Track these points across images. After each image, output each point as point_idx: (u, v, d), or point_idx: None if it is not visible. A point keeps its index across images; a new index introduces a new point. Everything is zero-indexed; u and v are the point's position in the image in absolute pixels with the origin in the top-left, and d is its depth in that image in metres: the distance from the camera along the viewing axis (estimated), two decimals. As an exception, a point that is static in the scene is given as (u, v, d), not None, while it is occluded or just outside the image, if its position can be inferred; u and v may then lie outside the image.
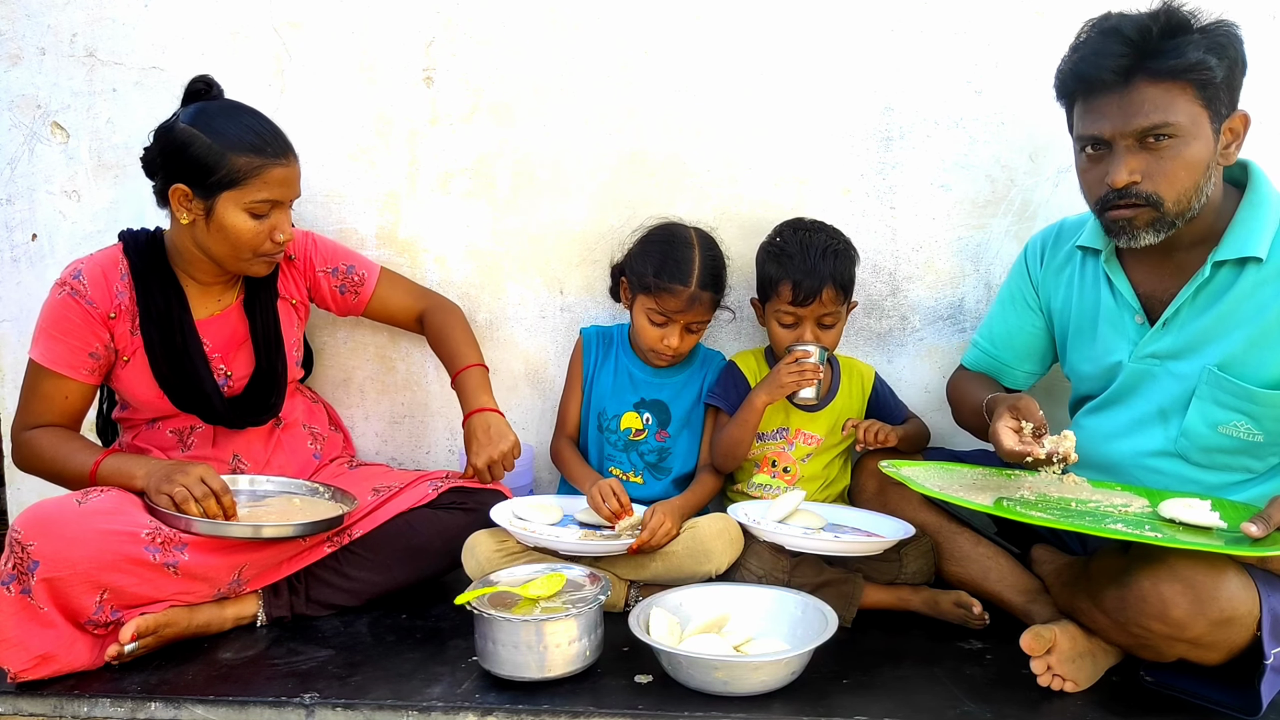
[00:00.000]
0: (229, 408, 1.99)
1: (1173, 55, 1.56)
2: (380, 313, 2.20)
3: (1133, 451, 1.77)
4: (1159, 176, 1.60)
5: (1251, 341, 1.64)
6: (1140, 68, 1.58)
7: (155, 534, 1.74)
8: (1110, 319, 1.80)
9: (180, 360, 1.93)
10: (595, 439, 2.20)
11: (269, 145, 1.84)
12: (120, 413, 2.05)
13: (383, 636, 1.86)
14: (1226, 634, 1.47)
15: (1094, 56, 1.62)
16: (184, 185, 1.83)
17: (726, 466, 2.12)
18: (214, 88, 1.93)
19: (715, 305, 2.10)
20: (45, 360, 1.87)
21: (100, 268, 1.91)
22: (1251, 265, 1.64)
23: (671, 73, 2.26)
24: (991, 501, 1.68)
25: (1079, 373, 1.90)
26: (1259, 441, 1.68)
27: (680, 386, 2.18)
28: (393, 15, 2.29)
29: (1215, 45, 1.57)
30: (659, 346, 2.07)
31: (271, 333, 2.03)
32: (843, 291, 2.04)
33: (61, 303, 1.88)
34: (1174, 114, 1.57)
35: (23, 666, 1.65)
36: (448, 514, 2.02)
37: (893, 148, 2.25)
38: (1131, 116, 1.59)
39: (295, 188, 1.90)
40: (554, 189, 2.32)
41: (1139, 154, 1.60)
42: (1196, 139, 1.59)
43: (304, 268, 2.11)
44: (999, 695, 1.63)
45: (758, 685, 1.59)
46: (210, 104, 1.89)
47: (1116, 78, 1.59)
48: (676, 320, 2.04)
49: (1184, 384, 1.71)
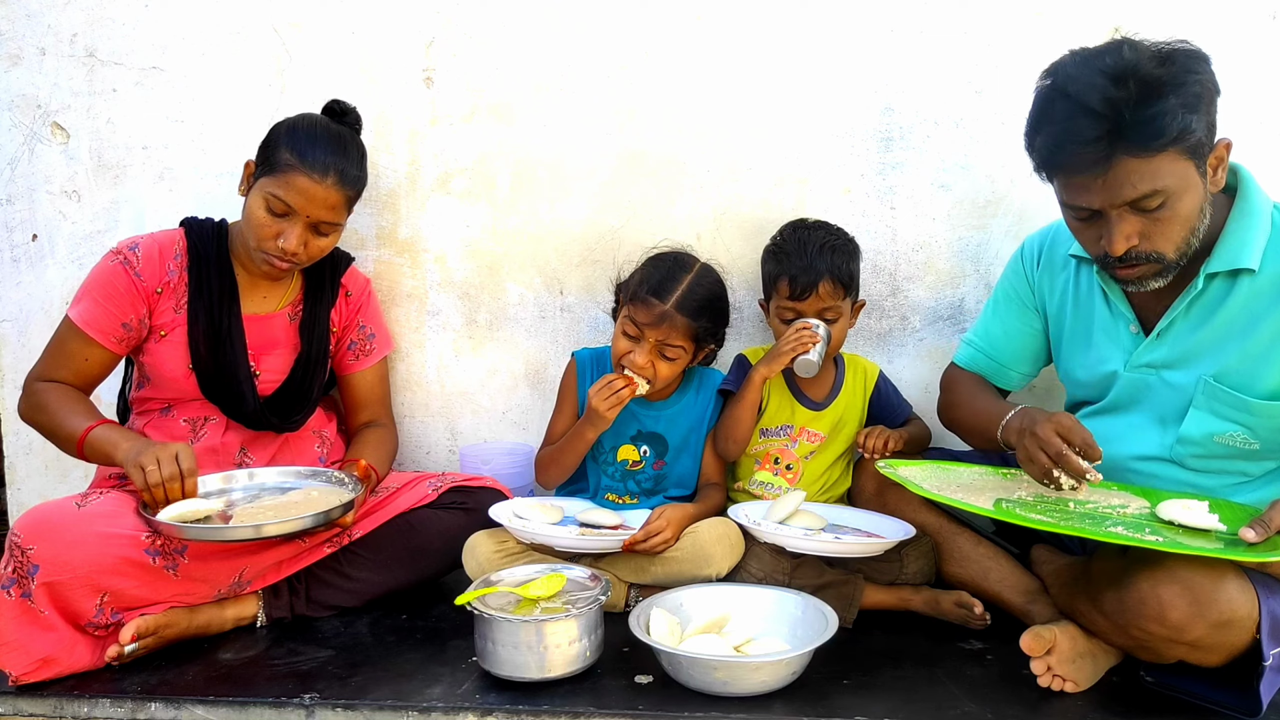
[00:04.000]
0: (259, 404, 2.00)
1: (1152, 132, 1.46)
2: (352, 386, 2.18)
3: (1129, 455, 1.77)
4: (1156, 236, 1.55)
5: (1245, 353, 1.64)
6: (1119, 147, 1.48)
7: (155, 536, 1.74)
8: (1105, 328, 1.80)
9: (221, 345, 1.95)
10: (591, 468, 2.15)
11: (312, 156, 1.88)
12: (138, 393, 2.03)
13: (383, 637, 1.86)
14: (1225, 636, 1.46)
15: (1067, 143, 1.52)
16: (253, 162, 1.95)
17: (727, 450, 2.10)
18: (349, 114, 2.04)
19: (694, 335, 1.99)
20: (79, 320, 1.90)
21: (158, 245, 1.96)
22: (1244, 276, 1.63)
23: (671, 73, 2.26)
24: (990, 503, 1.68)
25: (1074, 379, 1.90)
26: (1255, 449, 1.68)
27: (676, 415, 2.12)
28: (393, 15, 2.29)
29: (1191, 101, 1.47)
30: (625, 361, 1.98)
31: (315, 350, 2.06)
32: (842, 286, 2.04)
33: (111, 269, 1.92)
34: (1161, 180, 1.50)
35: (24, 669, 1.65)
36: (448, 514, 2.02)
37: (893, 148, 2.25)
38: (1118, 192, 1.51)
39: (318, 208, 1.89)
40: (554, 189, 2.32)
41: (1132, 218, 1.54)
42: (1188, 191, 1.53)
43: (352, 310, 2.15)
44: (999, 695, 1.63)
45: (758, 686, 1.59)
46: (321, 117, 1.99)
47: (1096, 164, 1.50)
48: (646, 336, 1.96)
49: (1180, 393, 1.70)
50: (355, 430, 2.20)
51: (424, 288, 2.38)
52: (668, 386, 2.11)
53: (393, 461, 2.17)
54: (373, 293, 2.22)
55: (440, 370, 2.40)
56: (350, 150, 1.96)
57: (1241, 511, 1.61)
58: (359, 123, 2.05)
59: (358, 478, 1.96)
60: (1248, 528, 1.49)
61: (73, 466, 2.35)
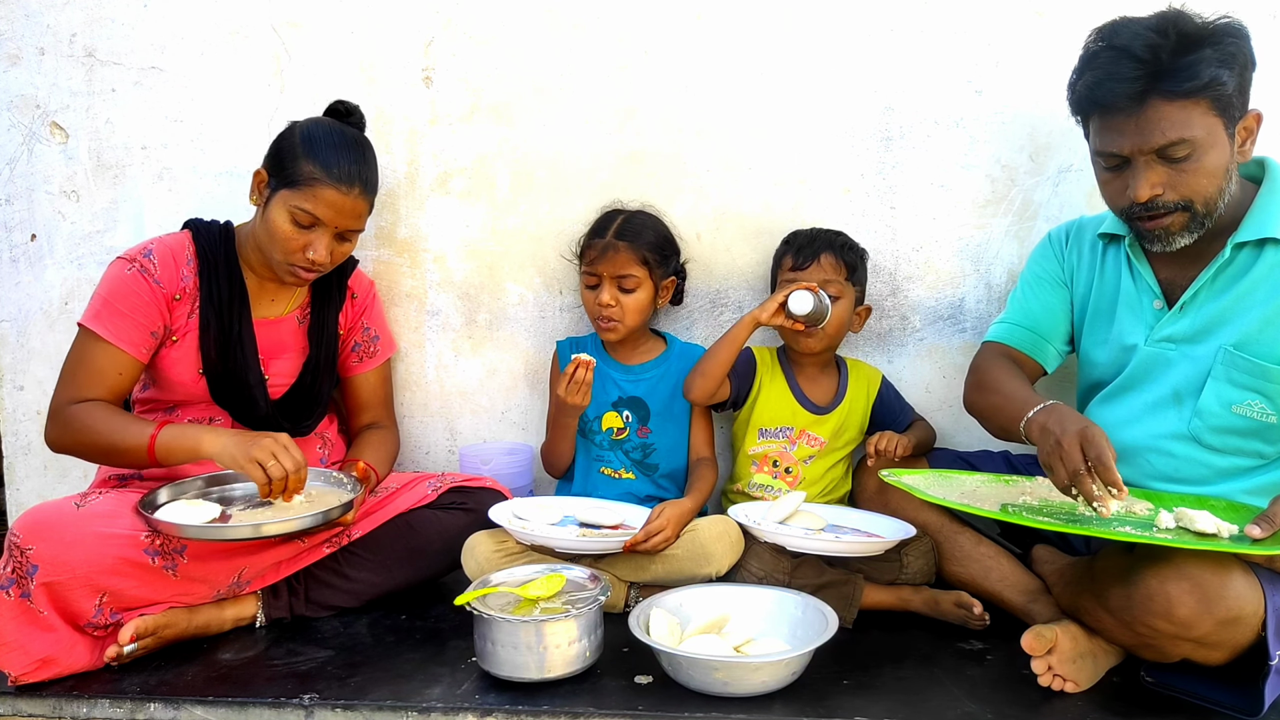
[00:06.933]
0: (271, 409, 1.99)
1: (1186, 76, 1.56)
2: (355, 388, 2.18)
3: (1146, 434, 1.77)
4: (1182, 186, 1.62)
5: (1267, 320, 1.66)
6: (1154, 89, 1.58)
7: (154, 536, 1.74)
8: (1129, 303, 1.82)
9: (232, 350, 1.94)
10: (581, 443, 2.19)
11: (337, 168, 1.86)
12: (142, 394, 2.01)
13: (382, 637, 1.86)
14: (1232, 633, 1.47)
15: (1107, 80, 1.61)
16: (265, 171, 1.91)
17: (690, 384, 2.09)
18: (354, 114, 2.02)
19: (643, 260, 2.09)
20: (108, 334, 1.84)
21: (170, 249, 1.93)
22: (1270, 247, 1.67)
23: (671, 73, 2.26)
24: (996, 507, 1.68)
25: (1091, 359, 1.90)
26: (1272, 423, 1.69)
27: (656, 381, 2.19)
28: (392, 15, 2.29)
29: (1226, 57, 1.57)
30: (595, 309, 2.11)
31: (324, 353, 2.06)
32: (845, 265, 2.08)
33: (130, 279, 1.87)
34: (1190, 129, 1.58)
35: (23, 670, 1.65)
36: (447, 514, 2.02)
37: (893, 148, 2.24)
38: (1148, 135, 1.59)
39: (346, 218, 1.90)
40: (553, 189, 2.32)
41: (1159, 168, 1.62)
42: (1214, 147, 1.60)
43: (357, 313, 2.15)
44: (999, 695, 1.62)
45: (758, 686, 1.59)
46: (332, 121, 1.97)
47: (1131, 101, 1.59)
48: (602, 275, 2.09)
49: (1199, 365, 1.72)
50: (357, 432, 2.20)
51: (423, 288, 2.38)
52: (643, 348, 2.21)
53: (393, 463, 2.17)
54: (377, 295, 2.22)
55: (440, 370, 2.40)
56: (368, 155, 1.96)
57: (1246, 512, 1.62)
58: (364, 122, 2.05)
59: (357, 478, 1.95)
60: (1253, 524, 1.51)
61: (72, 466, 2.35)
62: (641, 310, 2.13)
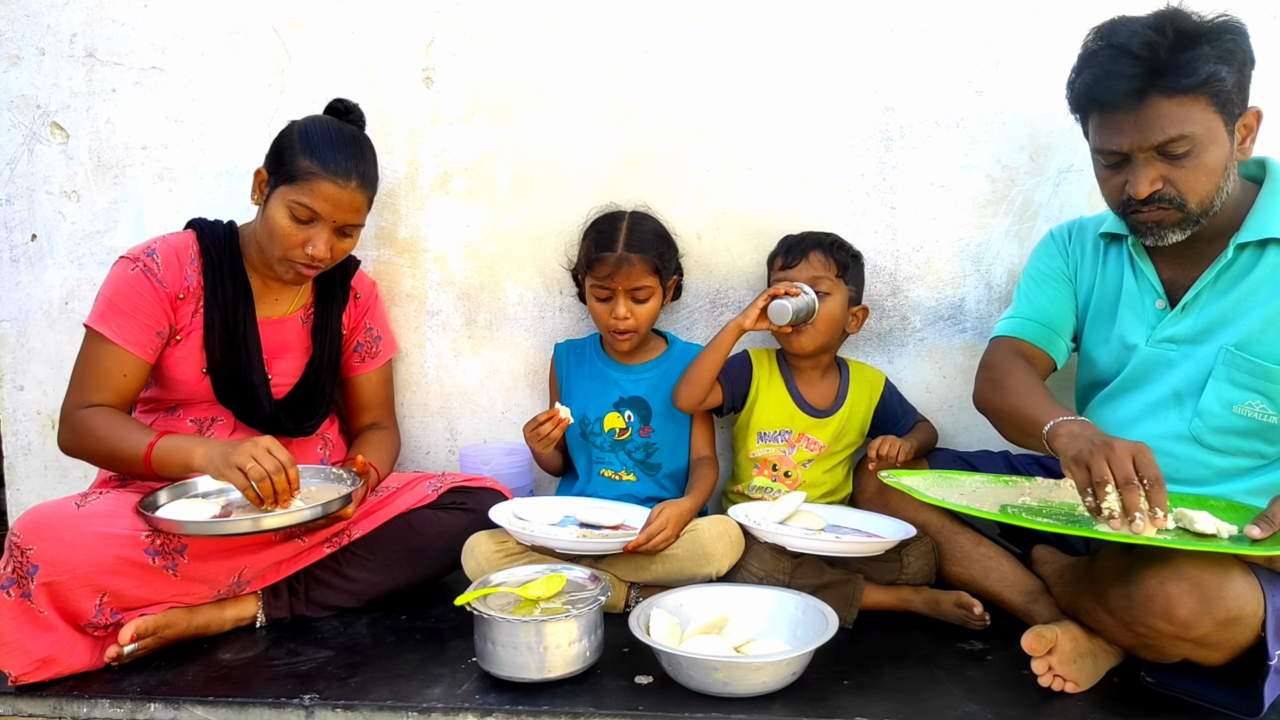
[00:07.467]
0: (274, 409, 1.99)
1: (1184, 72, 1.56)
2: (356, 388, 2.19)
3: (1146, 435, 1.76)
4: (1180, 183, 1.62)
5: (1268, 320, 1.66)
6: (1152, 86, 1.58)
7: (154, 536, 1.74)
8: (1131, 303, 1.82)
9: (237, 350, 1.94)
10: (582, 445, 2.19)
11: (334, 162, 1.87)
12: (144, 392, 2.00)
13: (382, 637, 1.86)
14: (1231, 634, 1.47)
15: (1105, 78, 1.62)
16: (265, 170, 1.92)
17: (678, 394, 2.10)
18: (353, 112, 2.02)
19: (655, 268, 2.08)
20: (115, 336, 1.84)
21: (173, 249, 1.93)
22: (1272, 247, 1.68)
23: (671, 73, 2.26)
24: (996, 508, 1.68)
25: (1092, 358, 1.90)
26: (1273, 423, 1.69)
27: (657, 380, 2.19)
28: (392, 15, 2.29)
29: (1224, 54, 1.57)
30: (610, 322, 2.09)
31: (327, 353, 2.06)
32: (835, 263, 2.08)
33: (134, 279, 1.87)
34: (1189, 126, 1.58)
35: (24, 670, 1.65)
36: (447, 514, 2.02)
37: (893, 148, 2.24)
38: (1147, 132, 1.60)
39: (344, 212, 1.89)
40: (553, 189, 2.32)
41: (1158, 164, 1.62)
42: (1213, 144, 1.61)
43: (359, 313, 2.15)
44: (1000, 695, 1.62)
45: (758, 686, 1.59)
46: (330, 118, 1.97)
47: (1130, 98, 1.60)
48: (616, 289, 2.06)
49: (1200, 366, 1.72)
50: (358, 432, 2.20)
51: (423, 288, 2.38)
52: (644, 348, 2.21)
53: (394, 463, 2.17)
54: (379, 295, 2.22)
55: (440, 370, 2.40)
56: (366, 150, 1.96)
57: (1246, 512, 1.62)
58: (363, 120, 2.05)
59: (356, 472, 1.95)
60: (1252, 524, 1.51)
61: (72, 466, 2.35)
62: (654, 316, 2.14)
